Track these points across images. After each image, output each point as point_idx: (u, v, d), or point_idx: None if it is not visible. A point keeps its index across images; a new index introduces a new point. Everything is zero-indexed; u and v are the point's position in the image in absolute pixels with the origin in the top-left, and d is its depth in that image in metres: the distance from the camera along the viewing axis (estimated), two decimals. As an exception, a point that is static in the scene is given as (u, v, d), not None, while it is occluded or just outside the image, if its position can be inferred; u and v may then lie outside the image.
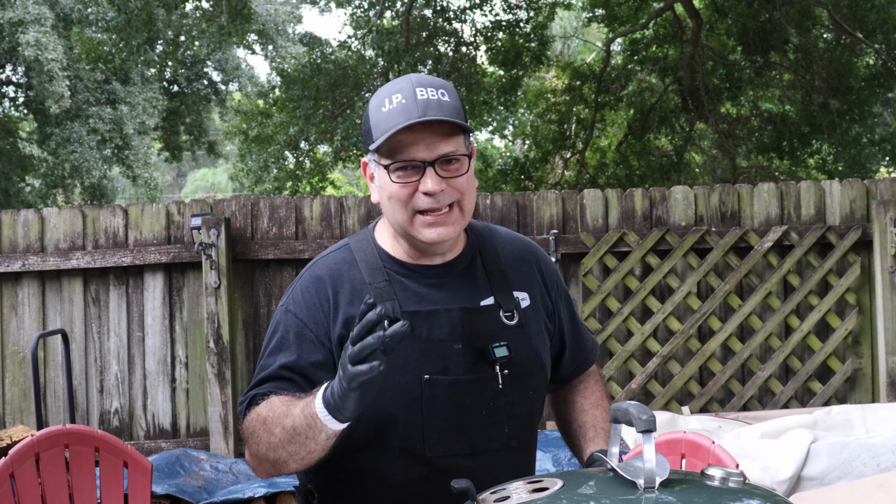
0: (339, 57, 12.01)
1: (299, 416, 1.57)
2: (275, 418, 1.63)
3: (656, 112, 11.58)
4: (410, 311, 1.74)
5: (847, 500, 3.32)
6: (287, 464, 1.64)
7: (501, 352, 1.77)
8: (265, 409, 1.66)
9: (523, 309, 1.84)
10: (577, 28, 19.55)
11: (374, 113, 1.72)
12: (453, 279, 1.81)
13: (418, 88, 1.69)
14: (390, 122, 1.68)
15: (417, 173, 1.70)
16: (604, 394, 2.03)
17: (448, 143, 1.70)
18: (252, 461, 1.72)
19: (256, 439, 1.67)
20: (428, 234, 1.73)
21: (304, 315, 1.76)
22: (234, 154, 18.84)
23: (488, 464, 1.76)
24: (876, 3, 10.42)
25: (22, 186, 17.19)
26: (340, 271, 1.79)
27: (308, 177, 13.16)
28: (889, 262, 5.35)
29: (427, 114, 1.67)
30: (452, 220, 1.74)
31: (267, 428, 1.64)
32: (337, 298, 1.76)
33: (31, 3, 14.00)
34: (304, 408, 1.57)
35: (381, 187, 1.75)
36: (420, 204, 1.71)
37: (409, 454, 1.74)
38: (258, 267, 5.40)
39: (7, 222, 5.36)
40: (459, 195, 1.73)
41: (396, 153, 1.69)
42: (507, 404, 1.78)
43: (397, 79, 1.75)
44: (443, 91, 1.71)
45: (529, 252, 1.94)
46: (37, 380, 4.45)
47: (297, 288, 1.81)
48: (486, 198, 5.50)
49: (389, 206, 1.74)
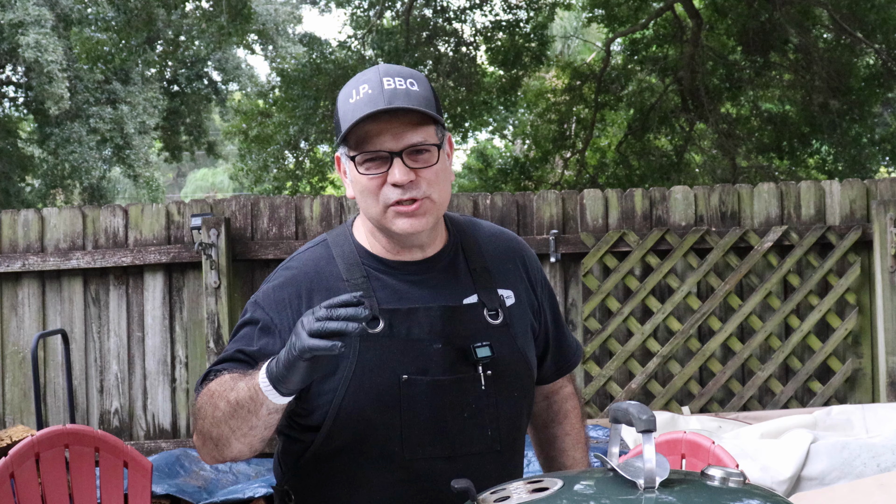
0: (338, 57, 12.01)
1: (243, 389, 1.54)
2: (221, 392, 1.59)
3: (656, 112, 11.58)
4: (389, 309, 1.70)
5: (847, 500, 3.32)
6: (229, 441, 1.59)
7: (483, 352, 1.71)
8: (215, 384, 1.62)
9: (508, 307, 1.79)
10: (577, 28, 19.56)
11: (342, 105, 1.68)
12: (435, 276, 1.76)
13: (385, 78, 1.65)
14: (356, 112, 1.63)
15: (385, 164, 1.65)
16: (582, 428, 2.01)
17: (416, 133, 1.65)
18: (198, 440, 1.67)
19: (203, 415, 1.63)
20: (401, 224, 1.68)
21: (271, 309, 1.72)
22: (233, 154, 18.84)
23: (471, 467, 1.70)
24: (876, 3, 10.42)
25: (22, 186, 17.20)
26: (317, 268, 1.75)
27: (308, 177, 13.16)
28: (889, 262, 5.35)
29: (393, 103, 1.62)
30: (424, 211, 1.68)
31: (213, 402, 1.60)
32: (311, 296, 1.72)
33: (32, 4, 14.00)
34: (249, 380, 1.53)
35: (352, 181, 1.70)
36: (390, 196, 1.66)
37: (387, 457, 1.69)
38: (258, 267, 5.40)
39: (7, 222, 5.36)
40: (429, 186, 1.67)
41: (363, 144, 1.65)
42: (491, 406, 1.73)
43: (366, 70, 1.71)
44: (412, 80, 1.67)
45: (514, 248, 1.88)
46: (37, 380, 4.45)
47: (268, 284, 1.76)
48: (486, 198, 5.50)
49: (362, 200, 1.69)
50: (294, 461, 1.78)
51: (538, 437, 2.04)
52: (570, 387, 2.04)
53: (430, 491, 1.69)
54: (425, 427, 1.69)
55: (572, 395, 2.03)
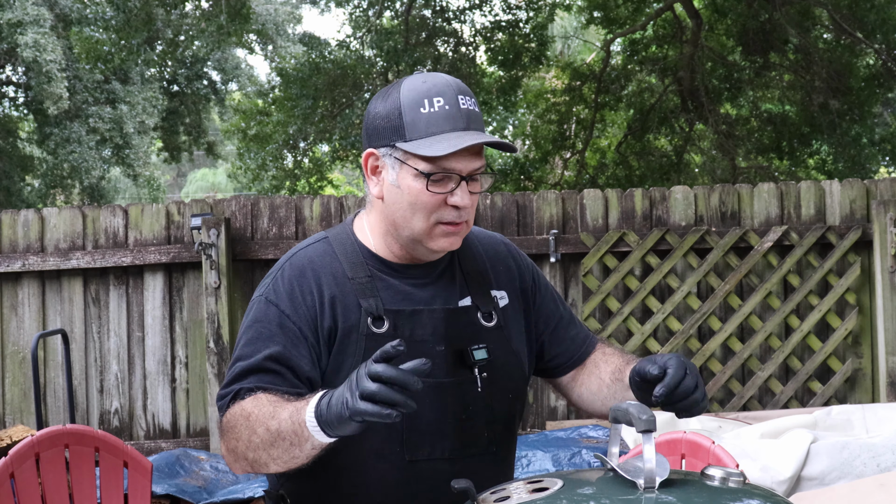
0: (338, 56, 12.01)
1: (287, 421, 1.50)
2: (260, 417, 1.55)
3: (656, 112, 11.58)
4: (393, 310, 1.71)
5: (847, 500, 3.32)
6: (267, 465, 1.58)
7: (480, 354, 1.73)
8: (251, 405, 1.59)
9: (502, 308, 1.81)
10: (576, 28, 19.56)
11: (409, 110, 1.65)
12: (434, 280, 1.77)
13: (460, 96, 1.66)
14: (432, 127, 1.63)
15: (448, 183, 1.66)
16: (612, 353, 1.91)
17: (480, 159, 1.68)
18: (228, 456, 1.64)
19: (236, 435, 1.60)
20: (442, 243, 1.70)
21: (286, 307, 1.69)
22: (233, 154, 18.84)
23: (469, 468, 1.70)
24: (876, 3, 10.42)
25: (22, 186, 17.19)
26: (323, 263, 1.74)
27: (306, 176, 13.16)
28: (889, 262, 5.35)
29: (471, 126, 1.65)
30: (464, 231, 1.72)
31: (250, 425, 1.57)
32: (321, 290, 1.71)
33: (30, 4, 14.00)
34: (294, 413, 1.49)
35: (398, 188, 1.68)
36: (446, 216, 1.67)
37: (388, 458, 1.69)
38: (258, 267, 5.40)
39: (7, 222, 5.36)
40: (473, 209, 1.71)
41: (436, 161, 1.64)
42: (486, 408, 1.74)
43: (428, 77, 1.69)
44: (473, 100, 1.69)
45: (502, 249, 1.90)
46: (37, 380, 4.45)
47: (277, 279, 1.73)
48: (487, 198, 5.50)
49: (408, 211, 1.68)
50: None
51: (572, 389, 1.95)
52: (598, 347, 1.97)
53: (430, 491, 1.69)
54: (426, 428, 1.70)
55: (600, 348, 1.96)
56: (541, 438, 4.82)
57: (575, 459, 4.45)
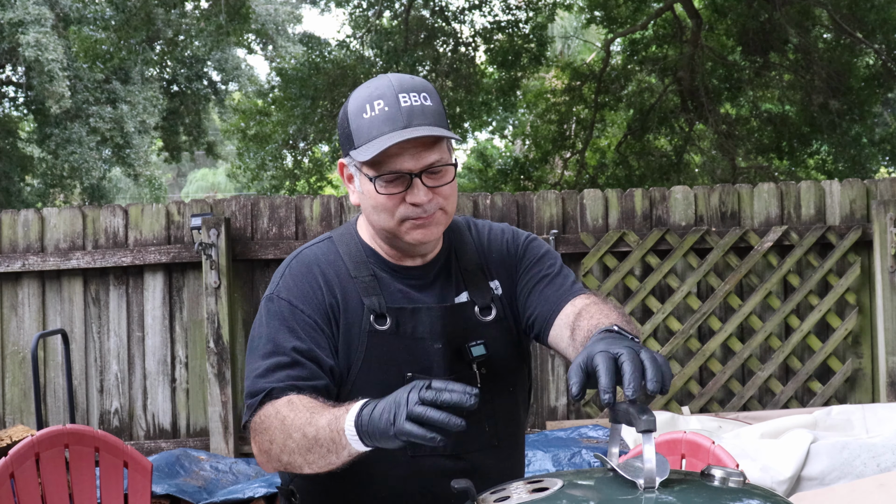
0: (337, 56, 12.01)
1: (325, 429, 1.50)
2: (295, 422, 1.56)
3: (656, 112, 11.58)
4: (396, 308, 1.73)
5: (847, 500, 3.32)
6: (301, 468, 1.58)
7: (478, 350, 1.75)
8: (286, 408, 1.59)
9: (499, 297, 1.82)
10: (576, 28, 19.56)
11: (354, 118, 1.67)
12: (432, 279, 1.79)
13: (401, 95, 1.65)
14: (373, 130, 1.64)
15: (404, 183, 1.66)
16: (608, 307, 1.70)
17: (433, 152, 1.66)
18: (261, 457, 1.66)
19: (270, 437, 1.61)
20: (414, 234, 1.70)
21: (299, 301, 1.72)
22: (233, 154, 18.84)
23: (474, 464, 1.74)
24: (876, 3, 10.42)
25: (22, 186, 17.19)
26: (327, 261, 1.77)
27: (306, 176, 13.17)
28: (889, 262, 5.35)
29: (412, 123, 1.63)
30: (436, 221, 1.71)
31: (285, 429, 1.57)
32: (329, 285, 1.73)
33: (32, 3, 14.00)
34: (333, 422, 1.49)
35: (362, 193, 1.72)
36: (407, 213, 1.68)
37: (392, 454, 1.68)
38: (258, 267, 5.40)
39: (7, 222, 5.36)
40: (444, 200, 1.70)
41: (381, 164, 1.65)
42: (487, 403, 1.75)
43: (374, 80, 1.69)
44: (425, 95, 1.67)
45: (499, 236, 1.88)
46: (37, 380, 4.45)
47: (286, 277, 1.76)
48: (486, 198, 5.50)
49: (374, 213, 1.71)
50: None
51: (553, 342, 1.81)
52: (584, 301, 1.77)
53: (434, 487, 1.72)
54: None
55: (591, 303, 1.75)
56: (541, 438, 4.82)
57: (575, 459, 4.46)
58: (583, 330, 1.63)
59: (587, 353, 1.38)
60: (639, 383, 1.31)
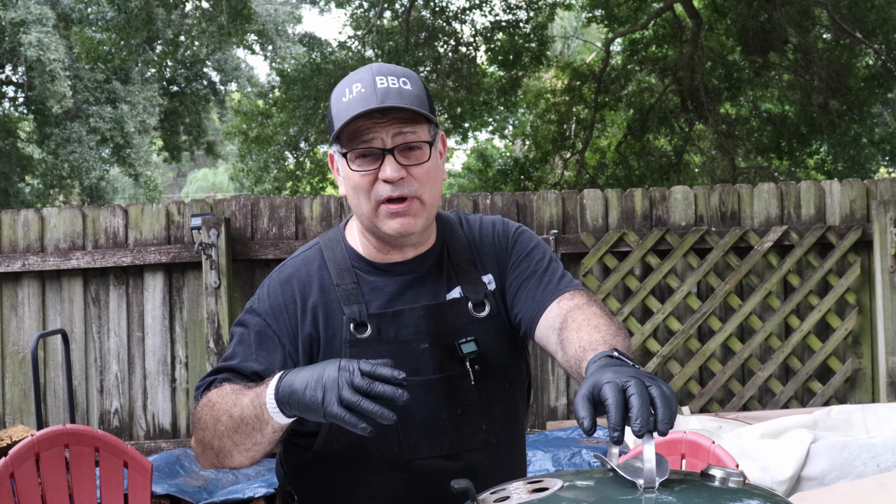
0: (338, 57, 12.02)
1: (248, 406, 1.52)
2: (223, 405, 1.58)
3: (656, 112, 11.58)
4: (376, 315, 1.72)
5: (847, 500, 3.32)
6: (231, 454, 1.59)
7: (469, 347, 1.72)
8: (216, 395, 1.62)
9: (492, 292, 1.79)
10: (577, 28, 19.56)
11: (335, 104, 1.69)
12: (423, 275, 1.77)
13: (378, 77, 1.66)
14: (349, 111, 1.64)
15: (377, 161, 1.65)
16: (595, 312, 1.65)
17: (408, 131, 1.66)
18: (197, 447, 1.68)
19: (203, 425, 1.63)
20: (392, 224, 1.68)
21: (267, 315, 1.73)
22: (233, 154, 18.84)
23: (472, 463, 1.72)
24: (876, 3, 10.42)
25: (22, 186, 17.19)
26: (309, 272, 1.76)
27: (308, 177, 13.17)
28: (889, 262, 5.35)
29: (386, 101, 1.63)
30: (414, 212, 1.68)
31: (214, 414, 1.59)
32: (305, 300, 1.73)
33: (33, 3, 14.01)
34: (255, 398, 1.51)
35: (345, 178, 1.71)
36: (381, 192, 1.66)
37: (387, 459, 1.70)
38: (258, 267, 5.40)
39: (7, 222, 5.36)
40: (420, 185, 1.67)
41: (355, 141, 1.65)
42: (482, 400, 1.74)
43: (359, 69, 1.71)
44: (404, 79, 1.67)
45: (489, 230, 1.86)
46: (37, 380, 4.45)
47: (264, 288, 1.78)
48: (487, 198, 5.50)
49: (354, 197, 1.70)
50: (296, 464, 1.80)
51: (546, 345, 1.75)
52: (569, 303, 1.72)
53: (433, 488, 1.70)
54: (421, 427, 1.70)
55: (575, 306, 1.70)
56: (541, 438, 4.82)
57: (575, 459, 4.46)
58: (573, 343, 1.57)
59: (593, 384, 1.31)
60: (646, 419, 1.27)
